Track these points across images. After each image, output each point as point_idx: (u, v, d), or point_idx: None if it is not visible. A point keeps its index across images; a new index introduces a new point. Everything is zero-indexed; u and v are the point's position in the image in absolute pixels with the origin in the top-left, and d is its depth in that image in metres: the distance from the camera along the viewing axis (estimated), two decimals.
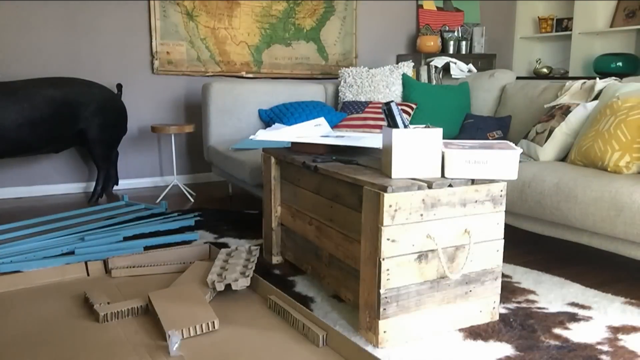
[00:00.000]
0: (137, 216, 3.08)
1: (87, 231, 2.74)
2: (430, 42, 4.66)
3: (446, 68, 4.29)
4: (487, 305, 1.79)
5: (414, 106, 3.62)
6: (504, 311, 1.88)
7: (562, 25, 5.03)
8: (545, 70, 4.98)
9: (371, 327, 1.64)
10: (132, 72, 3.94)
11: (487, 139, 3.16)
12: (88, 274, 2.17)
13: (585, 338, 1.69)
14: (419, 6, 4.91)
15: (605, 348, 1.63)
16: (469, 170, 1.66)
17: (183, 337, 1.60)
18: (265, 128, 3.66)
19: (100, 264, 2.20)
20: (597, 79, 2.86)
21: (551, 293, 2.06)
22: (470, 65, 4.35)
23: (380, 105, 3.62)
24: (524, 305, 1.94)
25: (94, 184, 3.83)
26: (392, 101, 1.69)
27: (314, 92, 3.92)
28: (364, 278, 1.66)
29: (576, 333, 1.73)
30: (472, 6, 5.15)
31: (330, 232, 1.93)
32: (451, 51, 4.80)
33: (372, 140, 2.13)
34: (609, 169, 2.30)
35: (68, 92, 3.34)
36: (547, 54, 5.31)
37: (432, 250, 1.65)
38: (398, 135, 1.64)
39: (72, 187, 3.87)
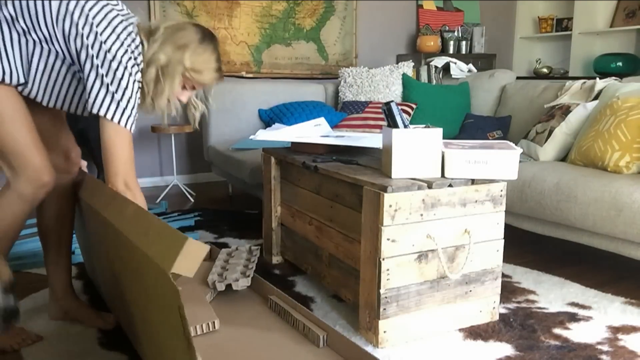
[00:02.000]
0: None
1: None
2: (430, 42, 4.66)
3: (446, 68, 4.29)
4: (487, 305, 1.79)
5: (414, 106, 3.62)
6: (504, 311, 1.88)
7: (562, 25, 5.03)
8: (545, 70, 4.98)
9: (371, 327, 1.64)
10: None
11: (487, 139, 3.16)
12: None
13: (585, 338, 1.69)
14: (419, 6, 4.91)
15: (605, 348, 1.63)
16: (469, 170, 1.66)
17: None
18: (265, 128, 3.66)
19: None
20: (597, 79, 2.86)
21: (551, 293, 2.06)
22: (470, 65, 4.34)
23: (380, 105, 3.61)
24: (524, 305, 1.94)
25: None
26: (392, 101, 1.69)
27: (314, 92, 3.92)
28: (364, 278, 1.66)
29: (576, 333, 1.73)
30: (472, 6, 5.15)
31: (330, 232, 1.93)
32: (451, 51, 4.80)
33: (372, 140, 2.13)
34: (609, 169, 2.30)
35: None
36: (547, 54, 5.31)
37: (432, 250, 1.65)
38: (398, 135, 1.64)
39: None
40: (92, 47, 1.36)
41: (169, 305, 1.03)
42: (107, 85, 1.38)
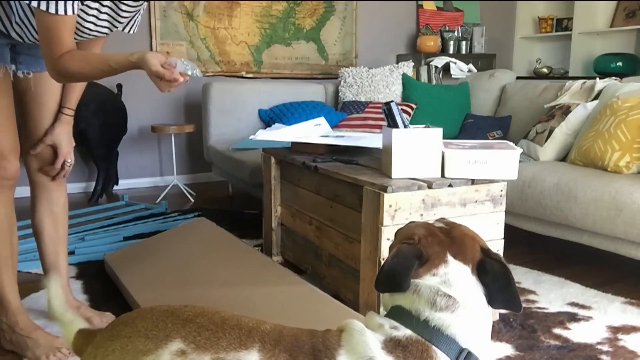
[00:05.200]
0: (137, 216, 3.08)
1: (87, 231, 2.74)
2: (430, 42, 4.66)
3: (446, 68, 4.29)
4: None
5: (414, 106, 3.62)
6: (504, 311, 1.88)
7: (562, 25, 5.03)
8: (545, 70, 4.98)
9: None
10: (132, 72, 3.93)
11: (487, 139, 3.16)
12: None
13: (585, 338, 1.69)
14: (419, 6, 4.91)
15: (605, 348, 1.63)
16: (469, 170, 1.66)
17: None
18: (265, 128, 3.66)
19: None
20: (597, 79, 2.86)
21: (551, 293, 2.06)
22: (470, 65, 4.35)
23: (380, 105, 3.61)
24: (524, 305, 1.94)
25: (94, 184, 3.83)
26: (392, 101, 1.69)
27: (314, 92, 3.92)
28: (364, 278, 1.66)
29: (576, 333, 1.73)
30: (472, 6, 5.15)
31: (330, 232, 1.93)
32: (451, 51, 4.80)
33: (372, 140, 2.14)
34: (609, 169, 2.30)
35: None
36: (547, 54, 5.31)
37: None
38: (398, 135, 1.64)
39: (72, 187, 3.87)
40: None
41: None
42: None
